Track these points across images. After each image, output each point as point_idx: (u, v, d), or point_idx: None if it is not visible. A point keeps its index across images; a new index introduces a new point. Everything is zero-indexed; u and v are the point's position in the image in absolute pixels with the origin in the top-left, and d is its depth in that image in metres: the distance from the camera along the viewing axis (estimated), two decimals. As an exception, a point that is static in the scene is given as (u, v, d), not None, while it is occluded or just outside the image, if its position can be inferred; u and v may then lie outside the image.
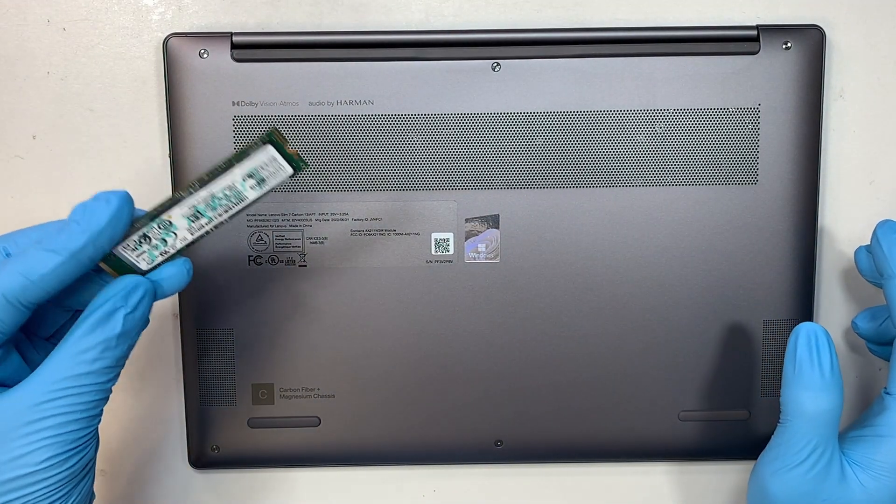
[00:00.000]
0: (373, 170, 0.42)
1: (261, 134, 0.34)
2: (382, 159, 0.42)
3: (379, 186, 0.42)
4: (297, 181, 0.42)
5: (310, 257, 0.43)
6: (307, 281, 0.43)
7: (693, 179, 0.42)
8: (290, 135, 0.42)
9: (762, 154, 0.42)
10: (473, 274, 0.43)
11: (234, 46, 0.41)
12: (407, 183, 0.42)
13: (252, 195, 0.35)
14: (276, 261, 0.43)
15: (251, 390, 0.44)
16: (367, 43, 0.41)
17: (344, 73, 0.41)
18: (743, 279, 0.43)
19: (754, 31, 0.42)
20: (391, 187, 0.42)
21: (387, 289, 0.43)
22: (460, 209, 0.42)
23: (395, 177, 0.42)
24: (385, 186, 0.42)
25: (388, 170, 0.42)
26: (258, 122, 0.42)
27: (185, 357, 0.43)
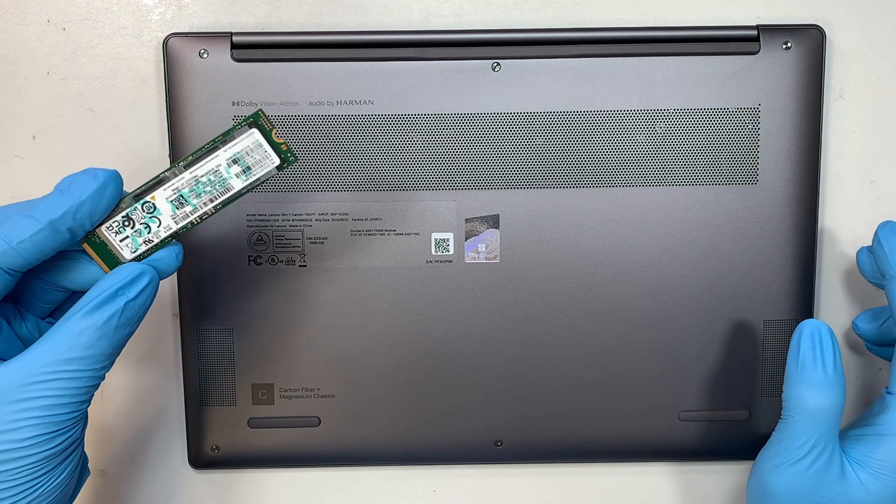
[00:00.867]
0: (373, 170, 0.42)
1: (245, 117, 0.34)
2: (382, 159, 0.42)
3: (379, 186, 0.42)
4: (297, 181, 0.42)
5: (310, 257, 0.43)
6: (307, 281, 0.43)
7: (693, 179, 0.42)
8: (290, 135, 0.42)
9: (762, 154, 0.42)
10: (473, 274, 0.43)
11: (234, 46, 0.41)
12: (407, 183, 0.42)
13: (238, 184, 0.34)
14: (276, 261, 0.43)
15: (251, 390, 0.44)
16: (367, 43, 0.41)
17: (344, 73, 0.41)
18: (743, 279, 0.43)
19: (754, 31, 0.42)
20: (391, 187, 0.42)
21: (387, 289, 0.43)
22: (460, 209, 0.42)
23: (395, 177, 0.42)
24: (385, 186, 0.42)
25: (388, 170, 0.42)
26: (258, 122, 0.42)
27: (184, 357, 0.43)
